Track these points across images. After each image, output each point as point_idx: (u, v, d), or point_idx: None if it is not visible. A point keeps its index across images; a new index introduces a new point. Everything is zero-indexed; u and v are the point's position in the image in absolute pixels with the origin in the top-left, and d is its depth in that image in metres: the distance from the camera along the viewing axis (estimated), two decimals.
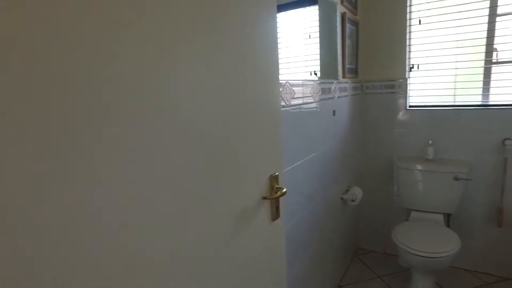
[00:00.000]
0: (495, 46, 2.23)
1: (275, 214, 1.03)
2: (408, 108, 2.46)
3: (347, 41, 2.14)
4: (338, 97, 2.01)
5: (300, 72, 2.07)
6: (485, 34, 2.23)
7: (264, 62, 0.96)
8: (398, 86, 2.44)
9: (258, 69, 0.93)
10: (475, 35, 2.26)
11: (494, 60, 2.25)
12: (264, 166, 0.98)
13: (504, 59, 2.23)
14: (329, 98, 1.86)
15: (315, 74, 2.04)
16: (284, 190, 0.99)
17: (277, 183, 1.02)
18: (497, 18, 2.19)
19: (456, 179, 2.16)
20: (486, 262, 2.39)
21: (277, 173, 1.02)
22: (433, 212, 2.30)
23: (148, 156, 0.62)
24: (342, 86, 2.08)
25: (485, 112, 2.24)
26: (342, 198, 2.15)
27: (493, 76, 2.28)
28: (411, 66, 2.45)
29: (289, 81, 1.35)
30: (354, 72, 2.32)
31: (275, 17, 1.01)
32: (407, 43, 2.40)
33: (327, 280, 2.09)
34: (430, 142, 2.33)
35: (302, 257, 1.64)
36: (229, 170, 0.84)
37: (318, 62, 2.02)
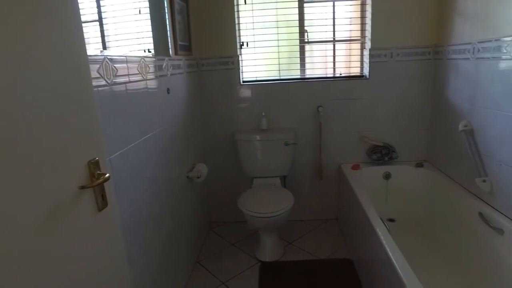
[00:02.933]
0: (305, 28, 2.59)
1: (102, 203, 0.93)
2: (242, 83, 2.62)
3: (177, 17, 2.09)
4: (172, 74, 1.96)
5: (134, 50, 1.92)
6: (297, 17, 2.56)
7: (65, 38, 0.81)
8: (232, 62, 2.57)
9: (59, 46, 0.79)
10: (290, 17, 2.57)
11: (306, 40, 2.62)
12: (79, 152, 0.85)
13: (313, 39, 2.63)
14: (161, 76, 1.79)
15: (149, 51, 1.93)
16: (107, 175, 0.89)
17: (99, 169, 0.91)
18: (305, 4, 2.54)
19: (286, 144, 2.47)
20: (314, 210, 2.86)
21: (97, 158, 0.91)
22: (271, 176, 2.58)
23: None
24: (175, 63, 2.04)
25: (303, 84, 2.60)
26: (188, 176, 2.16)
27: (306, 54, 2.66)
28: (241, 43, 2.60)
29: (108, 57, 1.21)
30: (187, 49, 2.30)
31: None
32: (236, 22, 2.53)
33: (184, 259, 2.10)
34: (263, 113, 2.57)
35: (153, 241, 1.57)
36: (31, 161, 0.69)
37: (151, 39, 1.91)
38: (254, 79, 2.67)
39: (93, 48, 1.23)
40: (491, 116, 1.83)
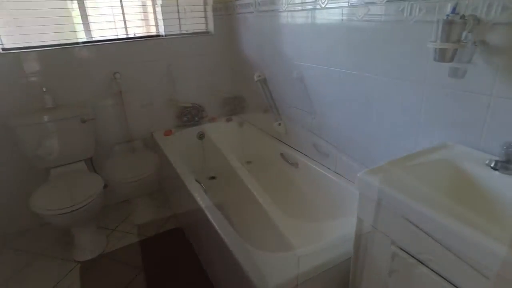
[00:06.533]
0: None
1: None
2: (2, 51, 2.00)
3: None
4: None
5: None
6: None
7: None
8: None
9: None
10: None
11: None
12: None
13: None
14: None
15: None
16: None
17: None
18: None
19: (83, 121, 2.08)
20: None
21: None
22: (73, 162, 2.16)
23: None
24: None
25: (91, 48, 2.20)
26: None
27: (90, 12, 2.24)
28: None
29: None
30: None
31: None
32: None
33: None
34: (44, 89, 2.06)
35: None
36: None
37: None
38: (22, 45, 2.08)
39: None
40: (276, 64, 2.00)
